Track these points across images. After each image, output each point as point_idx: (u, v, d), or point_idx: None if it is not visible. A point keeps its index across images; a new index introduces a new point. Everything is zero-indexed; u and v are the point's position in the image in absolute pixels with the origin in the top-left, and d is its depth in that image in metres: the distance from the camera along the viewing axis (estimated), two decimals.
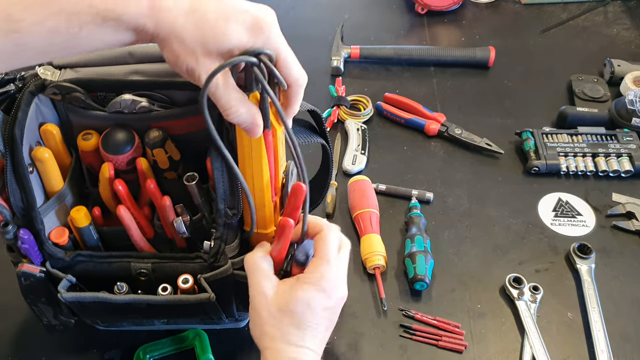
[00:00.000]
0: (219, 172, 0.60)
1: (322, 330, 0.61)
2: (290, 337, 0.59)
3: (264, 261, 0.62)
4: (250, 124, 0.54)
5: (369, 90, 1.19)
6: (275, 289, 0.60)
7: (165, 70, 0.66)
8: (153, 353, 0.79)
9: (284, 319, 0.59)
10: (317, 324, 0.60)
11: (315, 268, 0.61)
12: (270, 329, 0.59)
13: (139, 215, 0.71)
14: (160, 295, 0.67)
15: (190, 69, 0.50)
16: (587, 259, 0.89)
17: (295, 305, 0.59)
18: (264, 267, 0.62)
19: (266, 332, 0.59)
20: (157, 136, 0.68)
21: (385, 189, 1.01)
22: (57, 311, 0.71)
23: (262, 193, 0.62)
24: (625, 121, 1.06)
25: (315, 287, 0.59)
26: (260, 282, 0.61)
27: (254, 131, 0.55)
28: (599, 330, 0.81)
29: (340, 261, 0.63)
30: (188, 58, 0.50)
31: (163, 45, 0.50)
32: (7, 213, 0.62)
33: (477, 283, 0.88)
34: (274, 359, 0.58)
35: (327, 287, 0.60)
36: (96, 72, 0.66)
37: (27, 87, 0.64)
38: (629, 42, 1.32)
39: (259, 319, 0.60)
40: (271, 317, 0.59)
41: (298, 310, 0.59)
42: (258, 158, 0.59)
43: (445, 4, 1.38)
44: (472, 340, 0.81)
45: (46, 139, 0.68)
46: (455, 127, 1.09)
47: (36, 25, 0.44)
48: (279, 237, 0.61)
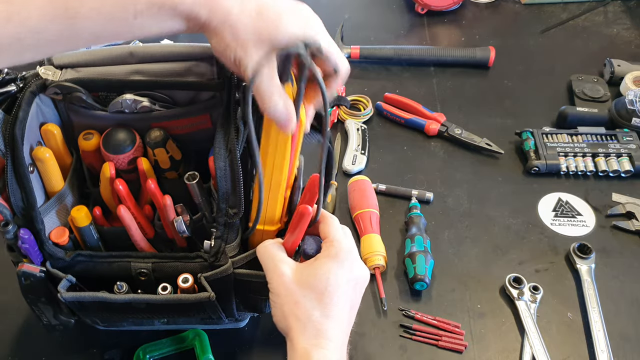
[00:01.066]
0: (222, 171, 0.60)
1: (347, 309, 0.59)
2: (313, 312, 0.57)
3: (278, 248, 0.62)
4: (286, 119, 0.54)
5: (369, 90, 1.19)
6: (293, 268, 0.59)
7: (167, 70, 0.66)
8: (153, 353, 0.79)
9: (306, 294, 0.57)
10: (339, 299, 0.58)
11: (330, 246, 0.60)
12: (292, 307, 0.57)
13: (140, 215, 0.71)
14: (160, 295, 0.67)
15: (238, 59, 0.51)
16: (587, 259, 0.89)
17: (316, 280, 0.57)
18: (278, 252, 0.61)
19: (288, 312, 0.58)
20: (158, 136, 0.68)
21: (385, 189, 1.01)
22: (57, 311, 0.71)
23: (278, 188, 0.62)
24: (625, 121, 1.06)
25: (334, 259, 0.58)
26: (277, 265, 0.60)
27: (288, 126, 0.55)
28: (599, 330, 0.81)
29: (351, 241, 0.62)
30: (238, 48, 0.50)
31: (213, 35, 0.51)
32: (8, 213, 0.62)
33: (477, 283, 0.88)
34: (299, 337, 0.56)
35: (346, 261, 0.59)
36: (97, 72, 0.66)
37: (28, 86, 0.64)
38: (629, 42, 1.32)
39: (279, 300, 0.59)
40: (292, 294, 0.57)
41: (320, 285, 0.57)
42: (282, 152, 0.59)
43: (445, 4, 1.38)
44: (472, 340, 0.82)
45: (47, 138, 0.68)
46: (455, 127, 1.09)
47: (93, 11, 0.46)
48: (295, 225, 0.61)
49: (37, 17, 0.44)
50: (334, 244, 0.60)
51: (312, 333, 0.56)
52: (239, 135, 0.61)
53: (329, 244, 0.60)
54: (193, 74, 0.66)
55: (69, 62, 0.66)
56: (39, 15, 0.44)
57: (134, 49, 0.66)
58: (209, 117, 0.70)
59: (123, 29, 0.48)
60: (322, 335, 0.56)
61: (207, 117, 0.70)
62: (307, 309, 0.57)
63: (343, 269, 0.59)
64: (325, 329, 0.56)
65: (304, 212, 0.59)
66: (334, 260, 0.58)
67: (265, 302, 0.71)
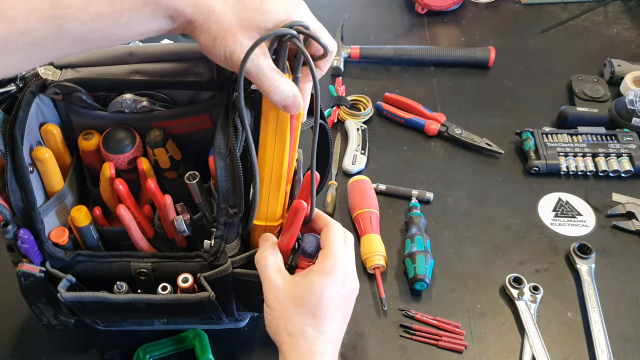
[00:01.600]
0: (222, 170, 0.60)
1: (338, 322, 0.60)
2: (306, 329, 0.58)
3: (274, 257, 0.62)
4: (292, 100, 0.54)
5: (369, 90, 1.19)
6: (287, 282, 0.60)
7: (167, 70, 0.66)
8: (153, 353, 0.79)
9: (299, 310, 0.58)
10: (332, 315, 0.59)
11: (325, 258, 0.60)
12: (286, 323, 0.58)
13: (139, 214, 0.71)
14: (160, 295, 0.67)
15: (228, 51, 0.51)
16: (587, 259, 0.89)
17: (309, 296, 0.58)
18: (274, 263, 0.61)
19: (281, 326, 0.59)
20: (158, 136, 0.68)
21: (385, 189, 1.01)
22: (56, 311, 0.71)
23: (279, 181, 0.62)
24: (625, 121, 1.06)
25: (328, 275, 0.59)
26: (271, 276, 0.60)
27: (296, 105, 0.55)
28: (599, 330, 0.81)
29: (349, 253, 0.63)
30: (226, 39, 0.50)
31: (199, 32, 0.51)
32: (7, 213, 0.62)
33: (477, 283, 0.88)
34: (291, 353, 0.57)
35: (339, 276, 0.59)
36: (97, 72, 0.66)
37: (28, 86, 0.63)
38: (629, 42, 1.32)
39: (273, 313, 0.59)
40: (285, 310, 0.58)
41: (313, 301, 0.58)
42: (281, 143, 0.59)
43: (445, 4, 1.38)
44: (472, 340, 0.82)
45: (47, 138, 0.68)
46: (455, 127, 1.09)
47: (80, 12, 0.46)
48: (290, 222, 0.61)
49: (25, 16, 0.44)
50: (330, 257, 0.60)
51: (305, 348, 0.57)
52: (238, 134, 0.61)
53: (326, 255, 0.60)
54: (193, 73, 0.66)
55: (69, 62, 0.66)
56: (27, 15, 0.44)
57: (133, 49, 0.66)
58: (209, 117, 0.70)
59: (110, 29, 0.48)
60: (315, 350, 0.57)
61: (207, 117, 0.70)
62: (300, 325, 0.58)
63: (336, 285, 0.59)
64: (318, 344, 0.58)
65: (299, 207, 0.59)
66: (328, 276, 0.59)
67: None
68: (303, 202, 0.59)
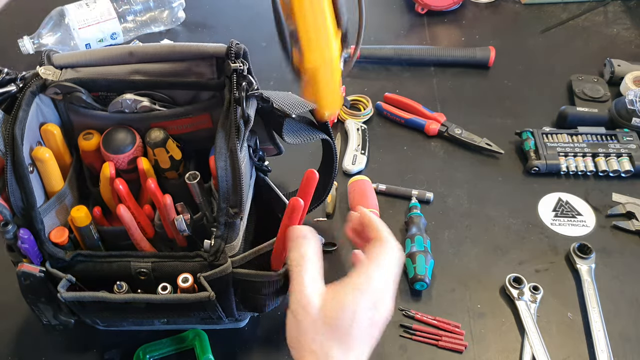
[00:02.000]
0: (223, 170, 0.60)
1: (366, 351, 0.56)
2: (333, 352, 0.54)
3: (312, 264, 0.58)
4: None
5: (369, 90, 1.19)
6: (320, 296, 0.56)
7: (167, 70, 0.66)
8: (153, 353, 0.79)
9: (329, 334, 0.55)
10: (361, 341, 0.56)
11: (365, 270, 0.57)
12: (309, 343, 0.55)
13: (140, 214, 0.71)
14: (160, 295, 0.67)
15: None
16: (587, 259, 0.89)
17: (341, 319, 0.55)
18: (314, 262, 0.58)
19: (304, 344, 0.55)
20: (158, 136, 0.68)
21: (385, 189, 1.01)
22: (57, 311, 0.71)
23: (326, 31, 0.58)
24: (625, 121, 1.06)
25: (361, 292, 0.56)
26: (305, 284, 0.57)
27: None
28: (599, 330, 0.81)
29: (391, 274, 0.59)
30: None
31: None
32: (7, 213, 0.62)
33: (477, 283, 0.88)
34: None
35: (373, 294, 0.56)
36: (97, 72, 0.66)
37: (28, 86, 0.64)
38: (629, 42, 1.32)
39: (299, 325, 0.56)
40: (315, 331, 0.55)
41: (345, 325, 0.55)
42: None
43: (445, 4, 1.38)
44: (472, 340, 0.82)
45: (47, 138, 0.68)
46: (455, 127, 1.09)
47: None
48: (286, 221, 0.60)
49: None
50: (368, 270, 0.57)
51: None
52: (239, 134, 0.61)
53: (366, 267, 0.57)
54: (193, 73, 0.66)
55: (69, 62, 0.66)
56: None
57: (133, 49, 0.66)
58: (209, 117, 0.70)
59: None
60: None
61: (207, 117, 0.70)
62: (327, 347, 0.55)
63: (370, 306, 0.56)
64: None
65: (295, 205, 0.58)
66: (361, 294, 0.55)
67: (265, 301, 0.71)
68: (300, 200, 0.59)
